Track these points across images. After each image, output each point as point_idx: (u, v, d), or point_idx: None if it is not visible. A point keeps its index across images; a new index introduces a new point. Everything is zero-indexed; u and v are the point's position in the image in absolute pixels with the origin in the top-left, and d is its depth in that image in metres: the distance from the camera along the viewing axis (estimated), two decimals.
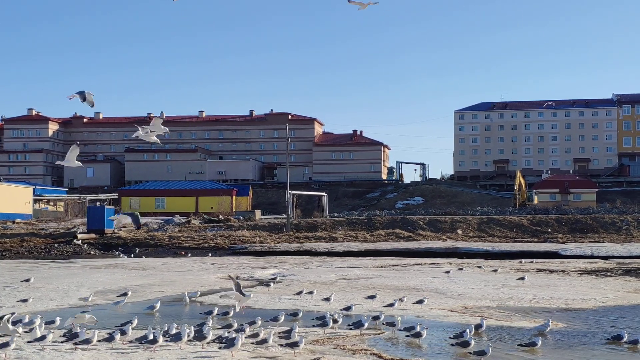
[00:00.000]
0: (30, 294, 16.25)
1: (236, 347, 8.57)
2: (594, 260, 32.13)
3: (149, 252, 39.86)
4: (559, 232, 47.93)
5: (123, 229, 49.70)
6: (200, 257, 35.33)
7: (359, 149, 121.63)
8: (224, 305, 14.41)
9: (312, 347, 9.46)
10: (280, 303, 15.12)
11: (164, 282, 20.37)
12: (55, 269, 25.92)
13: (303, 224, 52.09)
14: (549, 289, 18.18)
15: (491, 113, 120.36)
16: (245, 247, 41.04)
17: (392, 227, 49.21)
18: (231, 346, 8.67)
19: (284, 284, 19.60)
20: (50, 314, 12.40)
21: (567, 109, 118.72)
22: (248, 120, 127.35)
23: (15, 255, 37.50)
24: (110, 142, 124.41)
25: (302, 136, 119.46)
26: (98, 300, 15.88)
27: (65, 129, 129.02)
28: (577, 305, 15.14)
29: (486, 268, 26.62)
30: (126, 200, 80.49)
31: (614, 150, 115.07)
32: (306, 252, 38.21)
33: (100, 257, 36.91)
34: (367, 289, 17.97)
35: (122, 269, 25.86)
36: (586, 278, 22.40)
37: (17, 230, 47.74)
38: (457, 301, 15.67)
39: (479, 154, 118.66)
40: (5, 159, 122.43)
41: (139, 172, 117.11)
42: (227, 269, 25.93)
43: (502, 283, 19.99)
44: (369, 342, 10.34)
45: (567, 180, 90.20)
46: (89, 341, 8.43)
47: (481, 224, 50.11)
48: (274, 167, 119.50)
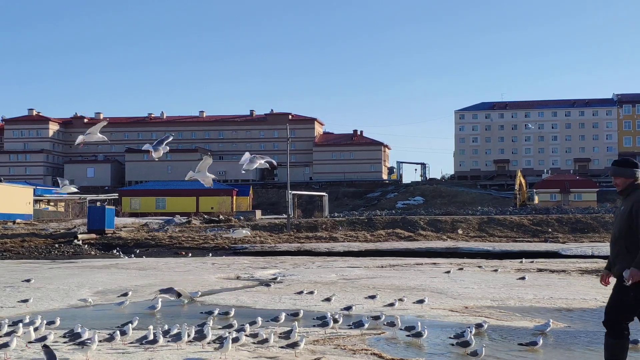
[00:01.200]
0: (31, 294, 16.26)
1: (226, 348, 8.60)
2: (594, 260, 32.13)
3: (150, 252, 39.90)
4: (560, 232, 47.95)
5: (123, 229, 49.71)
6: (201, 257, 35.35)
7: (359, 149, 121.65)
8: (225, 305, 14.42)
9: (312, 347, 9.46)
10: (281, 303, 15.13)
11: (165, 282, 20.37)
12: (56, 269, 25.94)
13: (303, 224, 52.11)
14: (550, 289, 18.19)
15: (491, 113, 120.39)
16: (245, 247, 41.08)
17: (392, 227, 49.25)
18: (221, 348, 8.70)
19: (285, 284, 19.61)
20: (51, 314, 12.40)
21: (568, 109, 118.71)
22: (248, 120, 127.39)
23: (16, 255, 37.54)
24: (111, 142, 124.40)
25: (303, 136, 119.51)
26: (99, 300, 15.89)
27: (66, 129, 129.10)
28: (577, 305, 15.15)
29: (487, 268, 26.62)
30: (127, 201, 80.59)
31: (615, 150, 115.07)
32: (307, 252, 38.23)
33: (100, 257, 36.94)
34: (368, 289, 17.97)
35: (122, 269, 25.87)
36: (587, 278, 22.42)
37: (17, 230, 47.80)
38: (457, 301, 15.67)
39: (479, 153, 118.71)
40: (5, 159, 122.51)
41: (140, 172, 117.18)
42: (227, 269, 25.96)
43: (503, 283, 19.99)
44: (370, 342, 10.34)
45: (568, 180, 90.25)
46: (89, 342, 8.38)
47: (482, 223, 50.14)
48: (275, 167, 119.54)
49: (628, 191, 6.99)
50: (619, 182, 7.03)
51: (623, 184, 7.03)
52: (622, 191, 7.04)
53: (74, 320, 11.48)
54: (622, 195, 7.08)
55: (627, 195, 6.98)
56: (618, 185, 7.07)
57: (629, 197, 6.94)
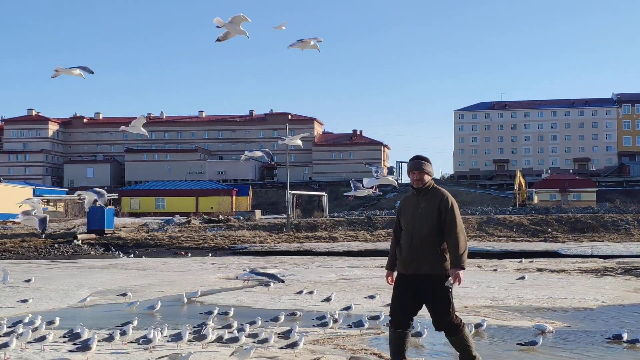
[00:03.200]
0: (30, 294, 16.25)
1: (208, 339, 8.83)
2: (594, 259, 32.12)
3: (149, 252, 39.87)
4: (559, 232, 47.94)
5: (123, 229, 49.69)
6: (200, 257, 35.33)
7: (359, 148, 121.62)
8: (224, 305, 14.42)
9: (312, 347, 9.46)
10: (280, 303, 15.12)
11: (164, 282, 20.38)
12: (56, 269, 25.93)
13: (303, 223, 52.09)
14: (549, 289, 18.18)
15: (491, 113, 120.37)
16: (245, 247, 41.06)
17: (392, 227, 49.14)
18: (202, 338, 9.00)
19: (284, 284, 19.60)
20: (50, 314, 12.40)
21: (567, 109, 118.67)
22: (248, 120, 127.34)
23: (15, 255, 37.51)
24: (110, 142, 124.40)
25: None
26: (98, 300, 15.89)
27: (65, 129, 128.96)
28: (577, 304, 15.15)
29: (486, 267, 26.61)
30: (126, 201, 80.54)
31: (614, 149, 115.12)
32: (306, 252, 38.22)
33: (100, 257, 36.92)
34: (367, 288, 17.97)
35: (122, 269, 25.86)
36: (586, 277, 22.41)
37: (17, 230, 47.75)
38: (457, 301, 15.57)
39: (478, 153, 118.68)
40: (5, 160, 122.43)
41: (139, 172, 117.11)
42: (227, 269, 25.94)
43: (502, 282, 19.99)
44: (369, 341, 10.35)
45: (567, 179, 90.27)
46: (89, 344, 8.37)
47: (481, 223, 50.12)
48: (274, 167, 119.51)
49: (428, 189, 7.04)
50: (424, 178, 7.01)
51: (427, 181, 7.03)
52: (424, 188, 7.02)
53: (74, 320, 11.49)
54: (421, 193, 7.03)
55: (426, 193, 7.01)
56: (421, 181, 7.01)
57: (430, 195, 6.98)
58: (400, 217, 7.24)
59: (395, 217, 7.42)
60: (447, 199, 6.87)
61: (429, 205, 6.90)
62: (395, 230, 7.35)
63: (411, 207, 7.05)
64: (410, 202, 7.12)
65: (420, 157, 7.12)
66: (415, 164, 7.12)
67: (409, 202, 7.16)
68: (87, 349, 8.25)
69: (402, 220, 7.15)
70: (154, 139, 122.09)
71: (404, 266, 7.02)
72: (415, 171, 7.08)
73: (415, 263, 6.88)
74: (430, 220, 6.83)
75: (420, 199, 7.00)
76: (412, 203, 7.06)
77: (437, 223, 6.83)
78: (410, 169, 7.15)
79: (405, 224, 7.08)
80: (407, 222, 7.03)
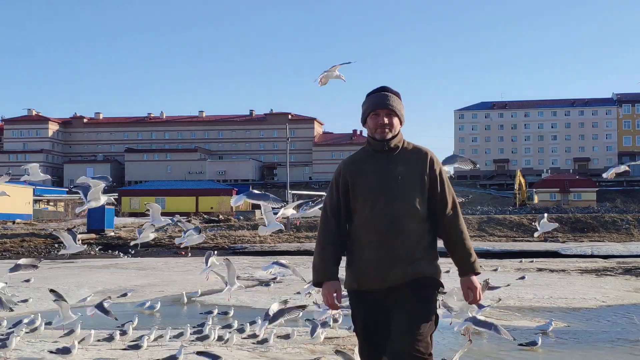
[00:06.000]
0: (30, 294, 16.25)
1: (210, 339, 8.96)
2: (594, 259, 32.14)
3: (149, 252, 39.87)
4: (559, 232, 47.92)
5: (123, 228, 49.69)
6: (201, 257, 35.30)
7: (359, 148, 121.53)
8: (224, 305, 14.42)
9: (312, 347, 9.46)
10: None
11: (164, 281, 20.38)
12: (56, 269, 25.94)
13: (303, 223, 52.08)
14: (550, 288, 18.18)
15: (491, 112, 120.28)
16: (245, 247, 41.08)
17: None
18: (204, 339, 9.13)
19: (284, 283, 19.60)
20: (50, 314, 12.39)
21: (567, 109, 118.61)
22: (248, 120, 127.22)
23: (16, 255, 37.51)
24: (110, 142, 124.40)
25: (302, 136, 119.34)
26: (98, 300, 15.88)
27: (65, 129, 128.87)
28: (577, 304, 15.15)
29: (486, 267, 26.60)
30: (126, 200, 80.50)
31: (614, 149, 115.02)
32: (306, 252, 38.22)
33: (100, 257, 36.93)
34: None
35: (122, 269, 25.88)
36: (586, 277, 22.41)
37: (17, 230, 47.77)
38: (456, 300, 15.65)
39: (478, 153, 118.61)
40: (5, 159, 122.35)
41: (139, 172, 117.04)
42: (227, 269, 25.91)
43: (503, 282, 19.98)
44: None
45: (567, 179, 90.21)
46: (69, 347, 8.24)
47: (481, 223, 50.14)
48: (274, 167, 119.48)
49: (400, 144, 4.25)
50: (395, 124, 4.21)
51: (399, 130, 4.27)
52: (395, 143, 4.21)
53: None
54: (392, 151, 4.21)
55: (398, 150, 4.22)
56: (391, 129, 4.18)
57: (408, 153, 4.22)
58: (350, 191, 4.21)
59: (333, 190, 4.30)
60: (434, 160, 4.20)
61: (409, 170, 4.13)
62: (335, 215, 4.22)
63: (375, 173, 4.16)
64: (372, 165, 4.21)
65: (386, 88, 4.27)
66: (379, 99, 4.21)
67: (368, 166, 4.22)
68: (67, 351, 8.12)
69: (360, 197, 4.17)
70: (154, 139, 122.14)
71: (378, 275, 4.12)
72: (380, 110, 4.19)
73: (400, 267, 4.13)
74: (415, 194, 4.11)
75: (391, 160, 4.18)
76: (377, 167, 4.18)
77: (423, 198, 4.15)
78: (372, 108, 4.23)
79: (369, 203, 4.12)
80: (374, 200, 4.11)
